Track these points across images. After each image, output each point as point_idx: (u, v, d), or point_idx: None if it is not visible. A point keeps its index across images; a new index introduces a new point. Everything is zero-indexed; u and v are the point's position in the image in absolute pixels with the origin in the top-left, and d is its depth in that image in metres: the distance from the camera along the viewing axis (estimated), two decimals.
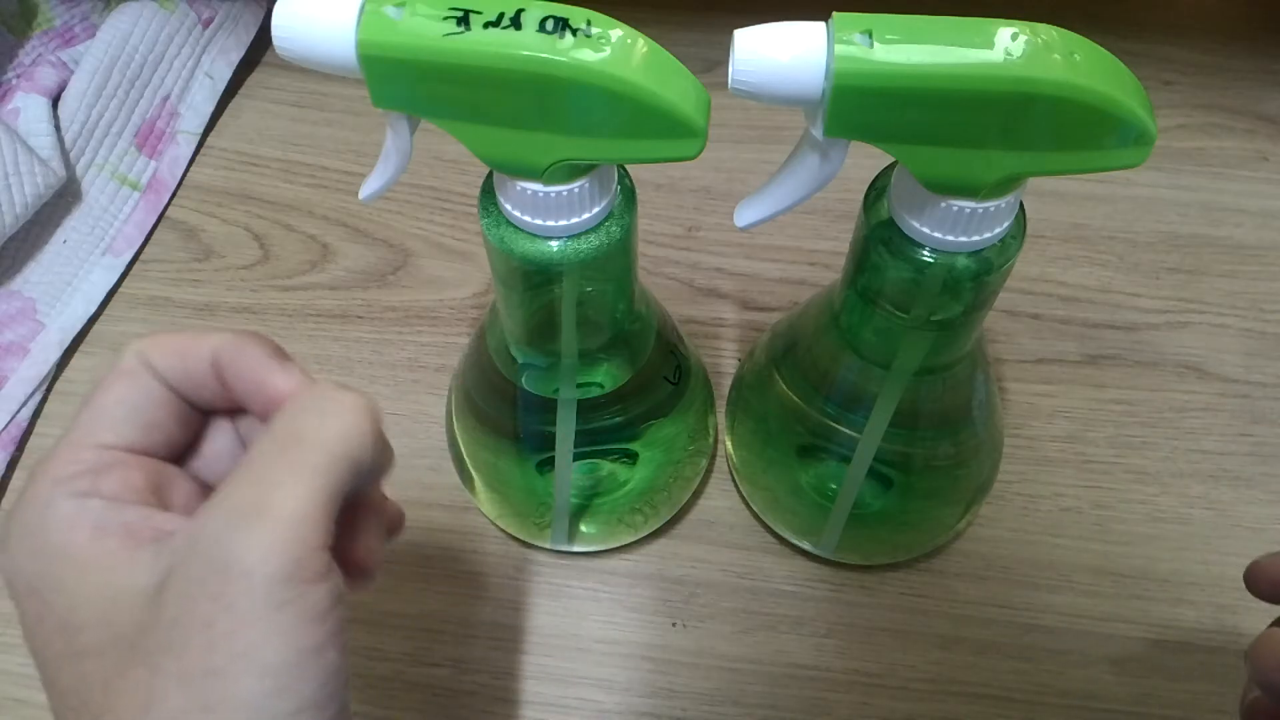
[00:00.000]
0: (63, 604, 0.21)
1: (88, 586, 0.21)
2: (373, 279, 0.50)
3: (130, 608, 0.20)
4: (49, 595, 0.21)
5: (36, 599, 0.22)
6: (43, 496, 0.22)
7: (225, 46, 0.57)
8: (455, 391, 0.39)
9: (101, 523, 0.22)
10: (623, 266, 0.30)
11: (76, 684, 0.21)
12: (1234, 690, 0.38)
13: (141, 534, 0.22)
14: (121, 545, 0.21)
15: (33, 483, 0.23)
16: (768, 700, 0.38)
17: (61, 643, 0.21)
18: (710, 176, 0.53)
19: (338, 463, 0.21)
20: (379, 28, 0.23)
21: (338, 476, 0.21)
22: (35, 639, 0.22)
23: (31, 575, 0.22)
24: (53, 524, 0.22)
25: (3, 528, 0.23)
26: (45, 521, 0.22)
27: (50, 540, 0.22)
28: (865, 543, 0.39)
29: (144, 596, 0.20)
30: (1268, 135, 0.54)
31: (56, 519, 0.22)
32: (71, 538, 0.22)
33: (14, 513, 0.22)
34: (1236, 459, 0.43)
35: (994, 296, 0.29)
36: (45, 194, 0.47)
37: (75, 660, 0.21)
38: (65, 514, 0.22)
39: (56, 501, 0.22)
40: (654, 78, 0.23)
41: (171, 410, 0.25)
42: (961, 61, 0.22)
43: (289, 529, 0.20)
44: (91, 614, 0.21)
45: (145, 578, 0.21)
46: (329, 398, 0.22)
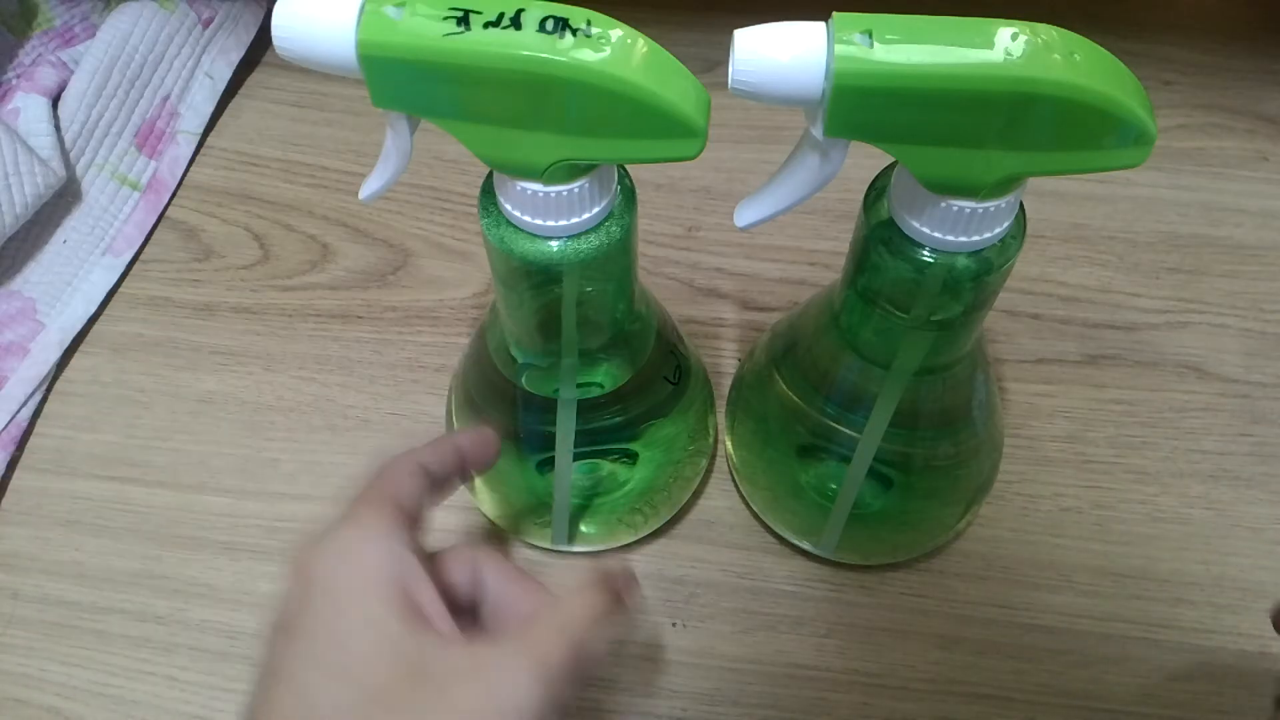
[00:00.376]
0: (335, 616, 0.24)
1: (363, 612, 0.24)
2: (373, 279, 0.50)
3: (382, 659, 0.23)
4: (327, 600, 0.24)
5: (319, 595, 0.24)
6: (370, 524, 0.26)
7: (225, 46, 0.57)
8: (455, 391, 0.39)
9: (400, 577, 0.25)
10: (623, 266, 0.30)
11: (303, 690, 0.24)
12: (1234, 690, 0.38)
13: (416, 601, 0.25)
14: (401, 596, 0.24)
15: (357, 510, 0.26)
16: (768, 700, 0.38)
17: (301, 647, 0.24)
18: (710, 176, 0.53)
19: (593, 651, 0.25)
20: (379, 28, 0.23)
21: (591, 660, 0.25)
22: (292, 629, 0.24)
23: (327, 575, 0.25)
24: (369, 545, 0.25)
25: (314, 541, 0.26)
26: (365, 542, 0.25)
27: (361, 557, 0.25)
28: (865, 543, 0.39)
29: (402, 664, 0.23)
30: (1268, 135, 0.54)
31: (374, 543, 0.25)
32: (379, 572, 0.25)
33: (332, 531, 0.26)
34: (1236, 459, 0.43)
35: (994, 296, 0.29)
36: (45, 194, 0.47)
37: (315, 667, 0.24)
38: (381, 544, 0.25)
39: (382, 536, 0.26)
40: (654, 78, 0.23)
41: (427, 514, 0.29)
42: (961, 61, 0.22)
43: (550, 686, 0.24)
44: (354, 637, 0.24)
45: (410, 644, 0.24)
46: (595, 601, 0.26)
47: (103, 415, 0.46)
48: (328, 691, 0.23)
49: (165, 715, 0.38)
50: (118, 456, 0.44)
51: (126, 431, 0.45)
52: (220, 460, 0.44)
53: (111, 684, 0.39)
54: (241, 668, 0.39)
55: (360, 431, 0.45)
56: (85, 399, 0.46)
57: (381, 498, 0.27)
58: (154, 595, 0.41)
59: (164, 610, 0.40)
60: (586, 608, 0.25)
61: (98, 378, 0.47)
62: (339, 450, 0.44)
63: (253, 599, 0.40)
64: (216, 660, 0.39)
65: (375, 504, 0.27)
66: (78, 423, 0.45)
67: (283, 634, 0.25)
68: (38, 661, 0.39)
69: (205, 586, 0.41)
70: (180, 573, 0.41)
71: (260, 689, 0.24)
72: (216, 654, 0.39)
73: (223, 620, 0.40)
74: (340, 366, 0.47)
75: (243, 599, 0.40)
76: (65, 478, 0.44)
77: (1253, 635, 0.39)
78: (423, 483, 0.28)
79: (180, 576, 0.41)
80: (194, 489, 0.43)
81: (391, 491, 0.27)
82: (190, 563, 0.41)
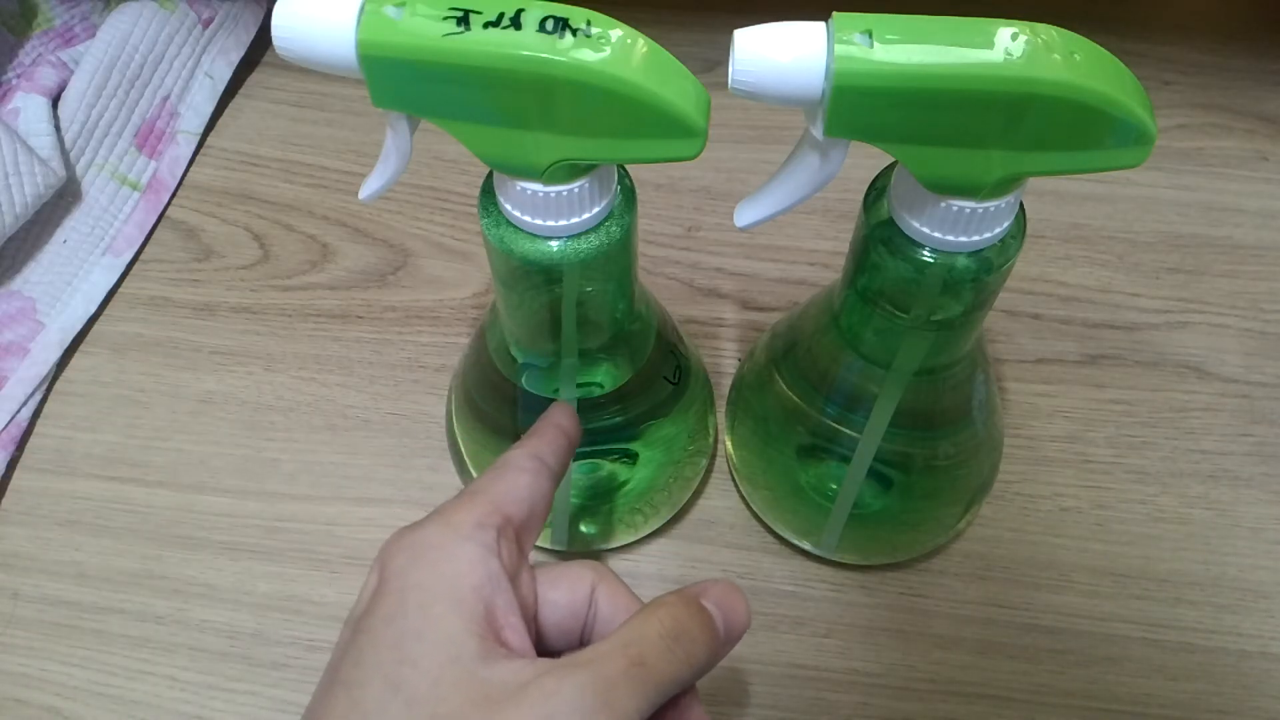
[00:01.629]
0: (414, 625, 0.23)
1: (443, 631, 0.23)
2: (373, 279, 0.50)
3: (460, 689, 0.22)
4: (410, 606, 0.23)
5: (399, 601, 0.23)
6: (465, 528, 0.24)
7: (225, 46, 0.57)
8: (455, 391, 0.39)
9: (486, 583, 0.24)
10: (623, 266, 0.30)
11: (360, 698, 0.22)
12: (1234, 690, 0.38)
13: (496, 621, 0.24)
14: (483, 617, 0.23)
15: (455, 513, 0.25)
16: (768, 700, 0.38)
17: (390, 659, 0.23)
18: (710, 176, 0.53)
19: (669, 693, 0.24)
20: (379, 28, 0.23)
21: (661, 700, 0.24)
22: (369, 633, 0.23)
23: (413, 580, 0.24)
24: (459, 553, 0.24)
25: (407, 532, 0.25)
26: (457, 548, 0.24)
27: (450, 565, 0.24)
28: (865, 543, 0.39)
29: (479, 693, 0.22)
30: (1268, 135, 0.54)
31: (466, 552, 0.24)
32: (464, 575, 0.24)
33: (425, 527, 0.25)
34: (1236, 459, 0.43)
35: (994, 296, 0.29)
36: (45, 194, 0.47)
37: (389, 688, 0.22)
38: (473, 554, 0.24)
39: (474, 542, 0.24)
40: (654, 78, 0.23)
41: (548, 508, 0.28)
42: (961, 61, 0.22)
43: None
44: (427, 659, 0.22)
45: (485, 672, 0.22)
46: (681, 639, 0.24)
47: (103, 415, 0.46)
48: (381, 703, 0.22)
49: (165, 715, 0.38)
50: (118, 456, 0.44)
51: (126, 431, 0.45)
52: (220, 460, 0.44)
53: (111, 684, 0.39)
54: (241, 668, 0.39)
55: (360, 431, 0.45)
56: (85, 399, 0.46)
57: (482, 496, 0.26)
58: (154, 595, 0.41)
59: (164, 610, 0.40)
60: (659, 623, 0.24)
61: (98, 378, 0.47)
62: (339, 450, 0.44)
63: (253, 599, 0.40)
64: (216, 660, 0.39)
65: (473, 503, 0.25)
66: (78, 423, 0.45)
67: (354, 632, 0.24)
68: (38, 661, 0.39)
69: (205, 586, 0.41)
70: (180, 573, 0.41)
71: (319, 689, 0.24)
72: (216, 654, 0.39)
73: (223, 620, 0.40)
74: (340, 366, 0.47)
75: (243, 599, 0.40)
76: (65, 478, 0.44)
77: (1253, 635, 0.39)
78: (539, 479, 0.27)
79: (180, 576, 0.41)
80: (194, 489, 0.43)
81: (498, 491, 0.26)
82: (190, 563, 0.41)
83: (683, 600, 0.25)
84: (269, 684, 0.39)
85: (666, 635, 0.24)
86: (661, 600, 0.25)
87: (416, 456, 0.44)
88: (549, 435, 0.29)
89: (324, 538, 0.42)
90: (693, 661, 0.24)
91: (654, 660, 0.23)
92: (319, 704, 0.23)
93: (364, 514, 0.42)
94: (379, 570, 0.24)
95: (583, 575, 0.26)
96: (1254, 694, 0.38)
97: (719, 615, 0.25)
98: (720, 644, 0.25)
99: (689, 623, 0.24)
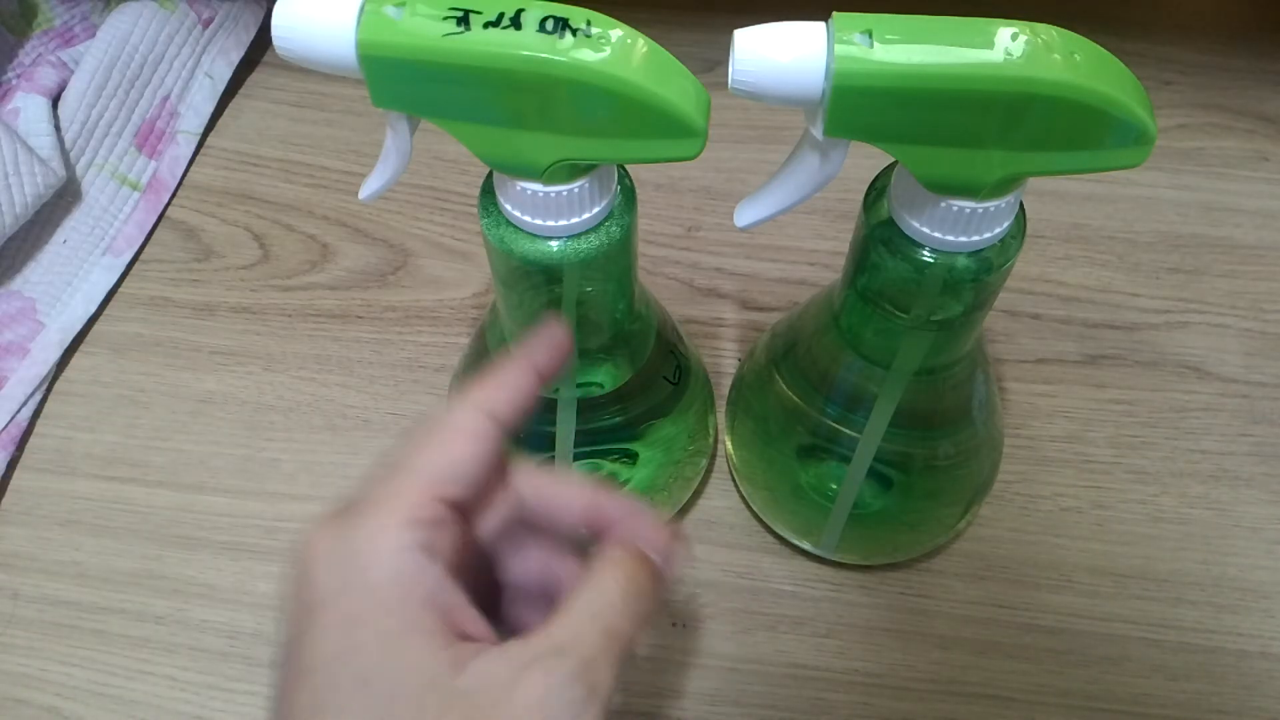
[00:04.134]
0: (375, 661, 0.21)
1: (408, 660, 0.21)
2: (373, 279, 0.50)
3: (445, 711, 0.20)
4: (363, 641, 0.21)
5: (346, 635, 0.21)
6: (395, 536, 0.22)
7: (225, 46, 0.57)
8: (455, 391, 0.39)
9: (433, 593, 0.21)
10: (623, 266, 0.30)
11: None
12: (1234, 690, 0.38)
13: (454, 623, 0.22)
14: (441, 628, 0.21)
15: (383, 510, 0.22)
16: (768, 700, 0.38)
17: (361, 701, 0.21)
18: (710, 176, 0.53)
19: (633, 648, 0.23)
20: (379, 28, 0.23)
21: None
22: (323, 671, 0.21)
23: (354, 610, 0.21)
24: (396, 571, 0.21)
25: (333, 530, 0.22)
26: (391, 564, 0.21)
27: (388, 588, 0.21)
28: (865, 543, 0.39)
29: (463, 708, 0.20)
30: (1268, 135, 0.54)
31: (401, 568, 0.21)
32: (408, 596, 0.21)
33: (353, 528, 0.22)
34: (1236, 459, 0.43)
35: (994, 296, 0.29)
36: (45, 194, 0.47)
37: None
38: (410, 567, 0.21)
39: (407, 551, 0.21)
40: (654, 78, 0.23)
41: (496, 469, 0.24)
42: (961, 61, 0.22)
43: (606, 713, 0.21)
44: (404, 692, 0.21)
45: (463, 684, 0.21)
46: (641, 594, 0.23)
47: (103, 415, 0.46)
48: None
49: (165, 715, 0.38)
50: (118, 456, 0.44)
51: (126, 431, 0.45)
52: (220, 460, 0.44)
53: (111, 684, 0.39)
54: (241, 668, 0.39)
55: (360, 431, 0.45)
56: (85, 399, 0.46)
57: (413, 479, 0.22)
58: (154, 595, 0.41)
59: (164, 610, 0.40)
60: (618, 584, 0.22)
61: (98, 378, 0.47)
62: (339, 450, 0.44)
63: (253, 599, 0.40)
64: (216, 660, 0.39)
65: (401, 489, 0.22)
66: (78, 423, 0.45)
67: (297, 670, 0.21)
68: (38, 661, 0.39)
69: (205, 586, 0.41)
70: (180, 573, 0.41)
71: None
72: (216, 654, 0.39)
73: (223, 620, 0.40)
74: (340, 366, 0.47)
75: (243, 599, 0.40)
76: (65, 478, 0.44)
77: (1253, 635, 0.39)
78: (486, 444, 0.23)
79: (180, 576, 0.41)
80: (194, 489, 0.43)
81: (432, 465, 0.23)
82: (190, 563, 0.41)
83: (631, 555, 0.23)
84: (269, 684, 0.39)
85: (627, 595, 0.23)
86: (611, 557, 0.23)
87: None
88: (509, 379, 0.25)
89: None
90: (647, 616, 0.23)
91: (620, 626, 0.22)
92: None
93: None
94: (304, 587, 0.22)
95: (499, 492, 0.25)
96: (1254, 694, 0.38)
97: (661, 561, 0.24)
98: (664, 591, 0.24)
99: (643, 578, 0.23)
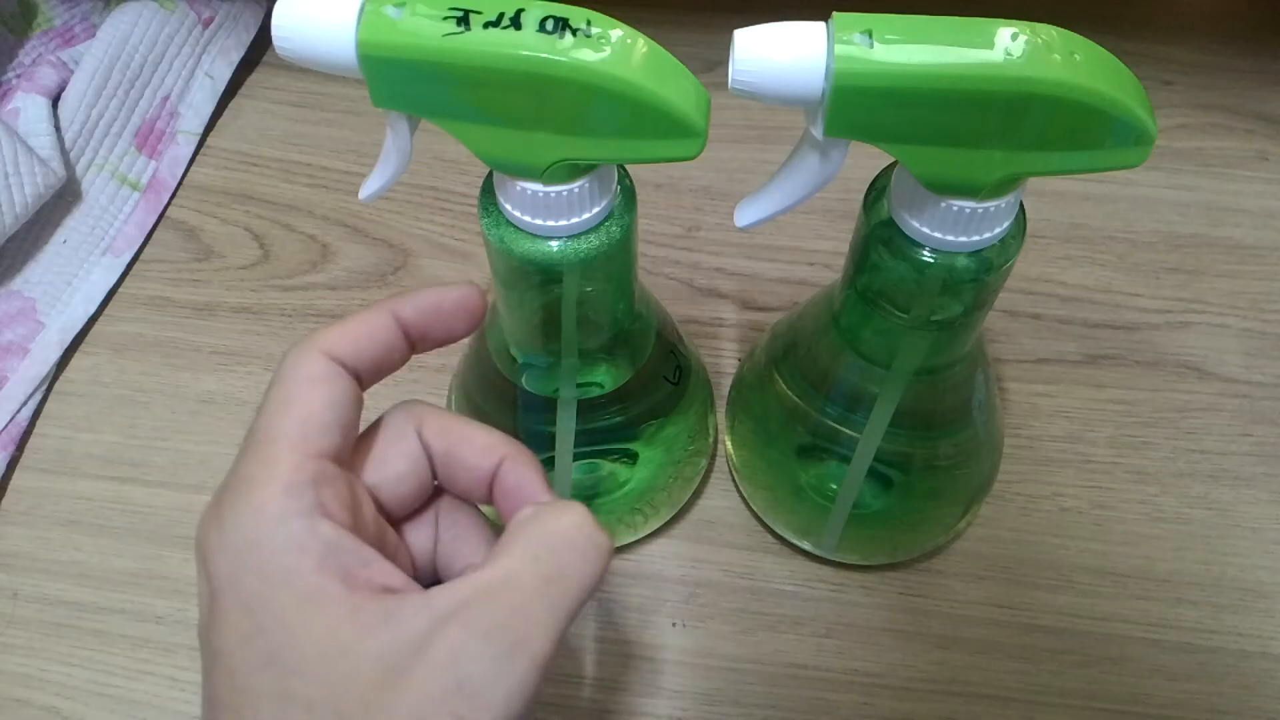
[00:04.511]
0: (279, 638, 0.20)
1: (311, 629, 0.20)
2: (373, 279, 0.50)
3: (356, 676, 0.19)
4: (264, 620, 0.20)
5: (247, 617, 0.20)
6: (274, 507, 0.20)
7: (225, 46, 0.57)
8: (455, 391, 0.39)
9: (326, 556, 0.20)
10: (623, 266, 0.30)
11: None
12: (1234, 690, 0.38)
13: (359, 581, 0.20)
14: (344, 590, 0.20)
15: (257, 485, 0.21)
16: (768, 700, 0.38)
17: (271, 679, 0.20)
18: (710, 176, 0.53)
19: (582, 606, 0.21)
20: (379, 28, 0.23)
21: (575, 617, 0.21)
22: (232, 656, 0.20)
23: (249, 592, 0.20)
24: (282, 543, 0.20)
25: (214, 518, 0.21)
26: (275, 538, 0.20)
27: (277, 561, 0.20)
28: (865, 543, 0.39)
29: (374, 672, 0.19)
30: (1268, 135, 0.54)
31: (287, 538, 0.20)
32: (299, 565, 0.20)
33: (233, 511, 0.21)
34: (1236, 459, 0.43)
35: (994, 296, 0.29)
36: (45, 194, 0.47)
37: (282, 703, 0.20)
38: (296, 535, 0.20)
39: (290, 519, 0.20)
40: (654, 78, 0.23)
41: (360, 407, 0.23)
42: (961, 61, 0.22)
43: (540, 671, 0.20)
44: (311, 663, 0.20)
45: (375, 646, 0.20)
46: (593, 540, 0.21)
47: (103, 415, 0.46)
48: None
49: (165, 715, 0.38)
50: (118, 456, 0.44)
51: (126, 431, 0.45)
52: (220, 460, 0.44)
53: (111, 684, 0.39)
54: None
55: None
56: (85, 399, 0.46)
57: (279, 445, 0.21)
58: (154, 595, 0.41)
59: (164, 610, 0.40)
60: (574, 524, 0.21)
61: (98, 378, 0.47)
62: None
63: None
64: None
65: (271, 459, 0.21)
66: (78, 423, 0.45)
67: (211, 656, 0.21)
68: (38, 661, 0.39)
69: None
70: (180, 573, 0.41)
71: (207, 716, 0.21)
72: None
73: None
74: None
75: None
76: (65, 478, 0.44)
77: (1253, 635, 0.39)
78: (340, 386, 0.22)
79: (180, 576, 0.41)
80: (194, 489, 0.43)
81: (295, 426, 0.21)
82: (190, 563, 0.41)
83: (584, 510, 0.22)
84: None
85: (579, 541, 0.21)
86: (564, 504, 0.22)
87: None
88: (356, 320, 0.24)
89: None
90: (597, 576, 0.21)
91: (568, 573, 0.20)
92: None
93: None
94: (206, 577, 0.21)
95: (403, 430, 0.24)
96: (1254, 694, 0.38)
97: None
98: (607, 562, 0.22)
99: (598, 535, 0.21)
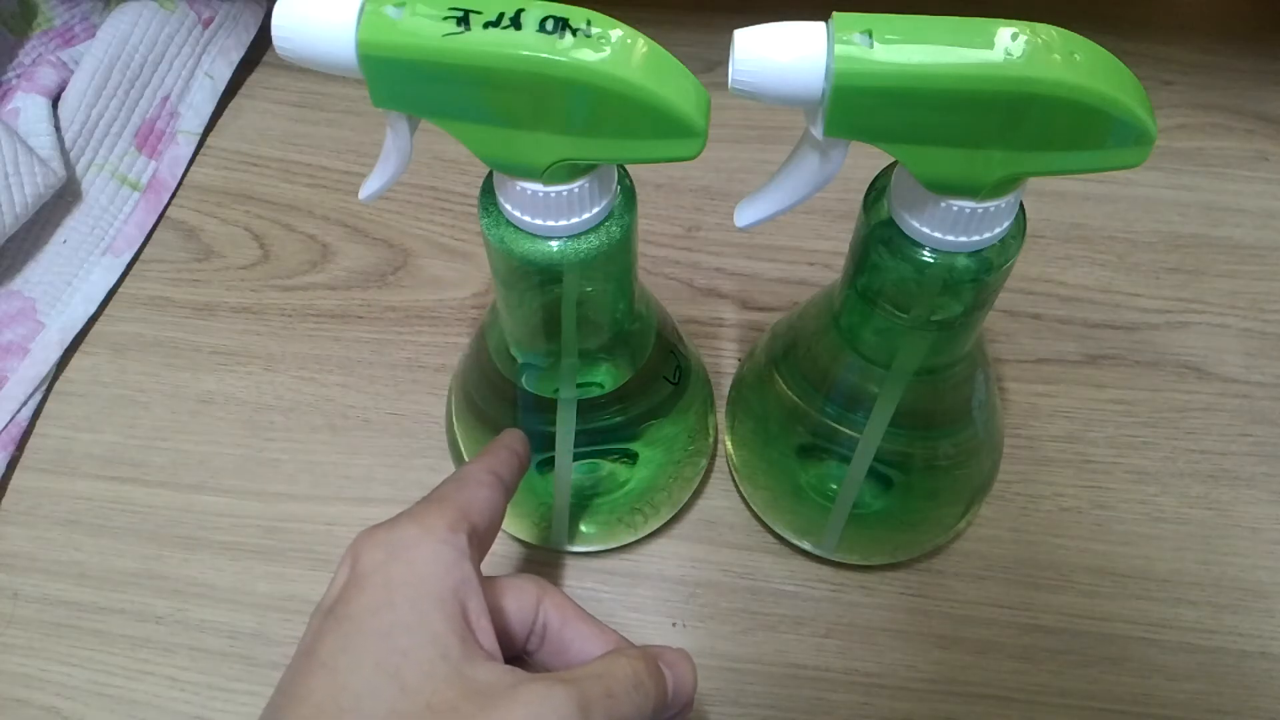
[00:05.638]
0: (405, 617, 0.23)
1: (431, 628, 0.23)
2: (373, 279, 0.50)
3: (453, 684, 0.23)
4: (398, 599, 0.24)
5: (386, 592, 0.24)
6: (439, 533, 0.25)
7: (225, 46, 0.57)
8: (455, 391, 0.39)
9: (461, 588, 0.24)
10: (623, 266, 0.30)
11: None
12: (1234, 690, 0.38)
13: (470, 625, 0.24)
14: (461, 622, 0.24)
15: (427, 516, 0.26)
16: (768, 700, 0.38)
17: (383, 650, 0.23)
18: (710, 176, 0.53)
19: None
20: (379, 28, 0.23)
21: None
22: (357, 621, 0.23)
23: (395, 575, 0.24)
24: (433, 555, 0.25)
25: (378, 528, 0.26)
26: (430, 550, 0.25)
27: (426, 567, 0.24)
28: (865, 543, 0.39)
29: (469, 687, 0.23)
30: (1268, 135, 0.54)
31: (438, 555, 0.25)
32: (441, 577, 0.24)
33: (399, 525, 0.26)
34: (1236, 459, 0.43)
35: (994, 296, 0.29)
36: (45, 194, 0.47)
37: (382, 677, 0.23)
38: (446, 558, 0.25)
39: (447, 545, 0.25)
40: (654, 78, 0.23)
41: (499, 525, 0.29)
42: (961, 61, 0.22)
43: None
44: (421, 654, 0.23)
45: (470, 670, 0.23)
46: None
47: (103, 415, 0.46)
48: (372, 687, 0.22)
49: (165, 715, 0.38)
50: (118, 456, 0.44)
51: (126, 431, 0.45)
52: (220, 460, 0.44)
53: (111, 684, 0.39)
54: (241, 668, 0.39)
55: (360, 431, 0.45)
56: (85, 399, 0.46)
57: (449, 502, 0.27)
58: (154, 595, 0.41)
59: (164, 610, 0.40)
60: (627, 668, 0.26)
61: (98, 378, 0.47)
62: (339, 450, 0.44)
63: (253, 599, 0.40)
64: (216, 660, 0.39)
65: (441, 507, 0.26)
66: (78, 423, 0.45)
67: (330, 619, 0.24)
68: (38, 661, 0.39)
69: (205, 586, 0.41)
70: (180, 573, 0.41)
71: (294, 671, 0.24)
72: (216, 654, 0.39)
73: (223, 620, 0.40)
74: (340, 366, 0.47)
75: (243, 599, 0.40)
76: (65, 478, 0.44)
77: (1253, 635, 0.39)
78: (496, 493, 0.28)
79: (180, 576, 0.41)
80: (194, 489, 0.43)
81: (464, 499, 0.27)
82: (190, 563, 0.41)
83: (644, 656, 0.27)
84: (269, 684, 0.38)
85: (631, 679, 0.26)
86: (626, 651, 0.27)
87: (416, 456, 0.44)
88: (503, 455, 0.30)
89: (324, 538, 0.42)
90: (644, 711, 0.26)
91: (621, 697, 0.25)
92: (296, 684, 0.23)
93: (364, 514, 0.42)
94: (351, 563, 0.25)
95: (527, 587, 0.28)
96: (1254, 694, 0.38)
97: (671, 679, 0.27)
98: (666, 706, 0.27)
99: (647, 677, 0.26)
